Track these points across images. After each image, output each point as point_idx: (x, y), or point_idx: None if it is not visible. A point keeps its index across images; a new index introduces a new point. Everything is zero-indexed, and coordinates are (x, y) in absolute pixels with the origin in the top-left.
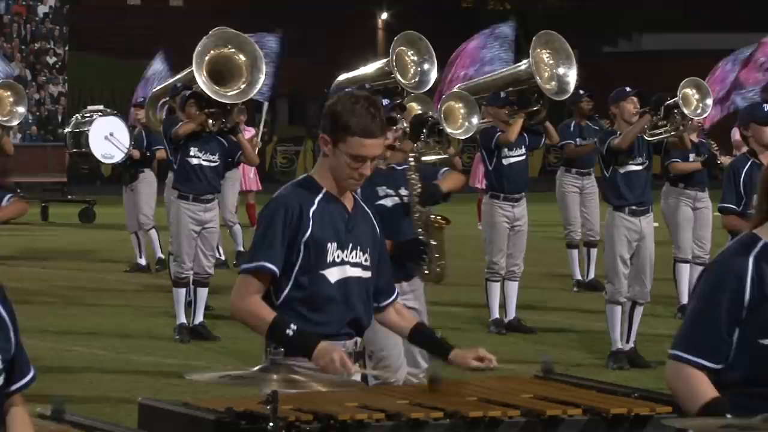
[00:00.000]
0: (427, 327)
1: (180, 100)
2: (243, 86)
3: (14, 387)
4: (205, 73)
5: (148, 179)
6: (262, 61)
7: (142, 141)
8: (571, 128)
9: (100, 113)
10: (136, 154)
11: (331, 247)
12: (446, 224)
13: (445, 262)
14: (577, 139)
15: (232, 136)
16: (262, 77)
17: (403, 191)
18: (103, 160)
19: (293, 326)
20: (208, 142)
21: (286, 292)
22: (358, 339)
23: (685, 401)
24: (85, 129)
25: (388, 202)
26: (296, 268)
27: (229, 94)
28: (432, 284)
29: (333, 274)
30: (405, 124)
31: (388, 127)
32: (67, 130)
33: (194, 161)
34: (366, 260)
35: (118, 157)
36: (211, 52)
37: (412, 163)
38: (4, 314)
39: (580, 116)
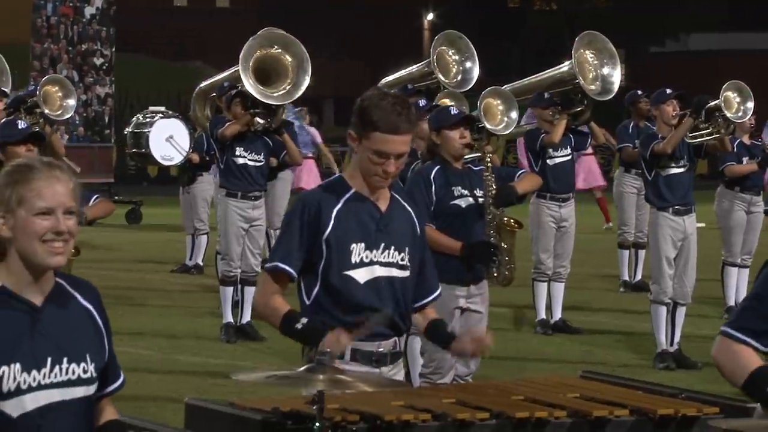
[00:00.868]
0: (441, 321)
1: (226, 100)
2: (288, 87)
3: (105, 391)
4: (251, 73)
5: (205, 183)
6: (308, 63)
7: (202, 144)
8: (629, 130)
9: (161, 115)
10: (196, 158)
11: (357, 247)
12: (518, 228)
13: (515, 266)
14: (636, 141)
15: (277, 136)
16: (308, 78)
17: (478, 192)
18: (162, 162)
19: (303, 320)
20: (253, 141)
21: (315, 292)
22: (397, 339)
23: (730, 374)
24: (146, 130)
25: (462, 203)
26: (321, 267)
27: (274, 94)
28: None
29: (361, 275)
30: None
31: (467, 126)
32: (127, 130)
33: (240, 161)
34: (402, 259)
35: (177, 159)
36: (258, 52)
37: (489, 164)
38: (100, 322)
39: (638, 117)
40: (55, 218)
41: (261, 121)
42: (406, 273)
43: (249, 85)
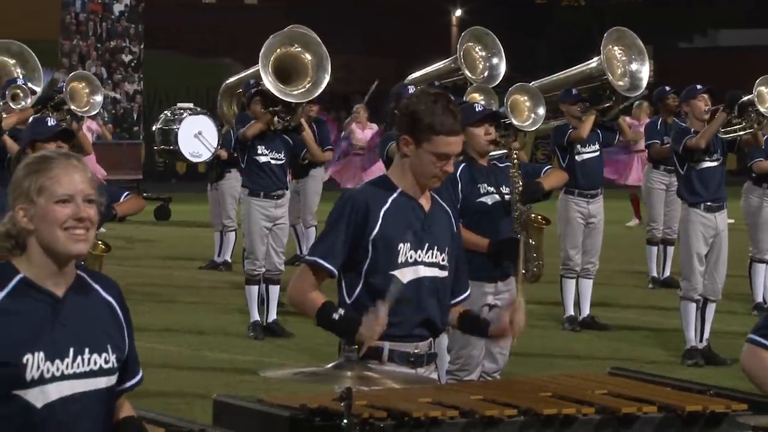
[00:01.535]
0: (472, 312)
1: (246, 99)
2: (308, 85)
3: (124, 386)
4: (270, 71)
5: (233, 180)
6: (327, 61)
7: (230, 141)
8: (658, 127)
9: (189, 111)
10: (224, 154)
11: (404, 247)
12: (546, 225)
13: (542, 263)
14: (664, 138)
15: (296, 135)
16: (327, 77)
17: (504, 189)
18: (190, 159)
19: (341, 311)
20: (273, 140)
21: (357, 291)
22: (432, 340)
23: (758, 381)
24: (175, 127)
25: (488, 200)
26: (365, 267)
27: (294, 93)
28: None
29: (405, 275)
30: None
31: (492, 122)
32: (155, 126)
33: (262, 159)
34: (443, 260)
35: (205, 156)
36: (278, 50)
37: (515, 161)
38: (121, 315)
39: (667, 113)
40: (75, 205)
41: (279, 120)
42: (446, 273)
43: (268, 82)
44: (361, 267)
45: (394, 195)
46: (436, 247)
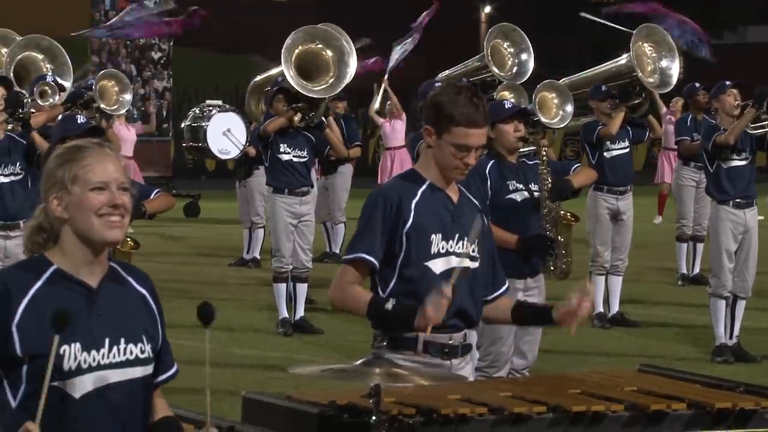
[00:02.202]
0: (524, 302)
1: (267, 97)
2: (331, 81)
3: (159, 379)
4: (293, 68)
5: (261, 177)
6: (349, 56)
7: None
8: (687, 123)
9: (218, 108)
10: (252, 151)
11: (436, 237)
12: (575, 221)
13: (571, 260)
14: (694, 134)
15: (319, 132)
16: (350, 72)
17: (533, 186)
18: (219, 156)
19: (392, 300)
20: (295, 137)
21: (392, 284)
22: (467, 331)
23: None
24: (204, 124)
25: (517, 197)
26: (399, 260)
27: (316, 88)
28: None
29: (437, 265)
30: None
31: (521, 119)
32: (184, 124)
33: (285, 157)
34: (474, 251)
35: (234, 153)
36: (300, 47)
37: (544, 158)
38: (154, 307)
39: (697, 110)
40: (109, 192)
41: (301, 117)
42: (476, 264)
43: (290, 77)
44: (396, 261)
45: (423, 187)
46: (466, 238)
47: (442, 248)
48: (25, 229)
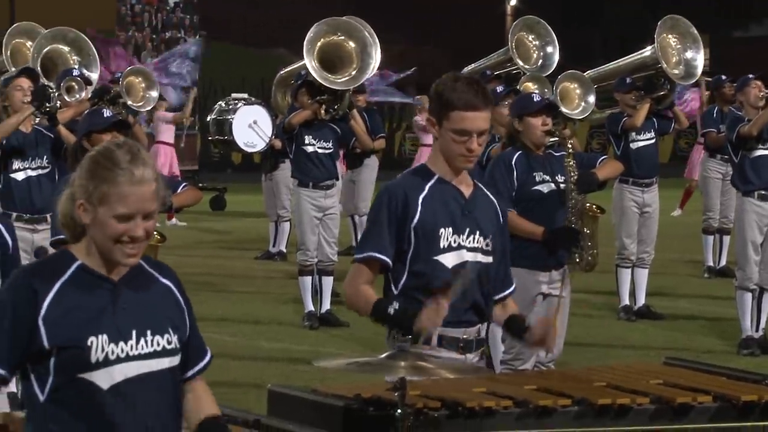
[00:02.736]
0: (521, 317)
1: (292, 91)
2: (354, 72)
3: (193, 370)
4: (315, 60)
5: (287, 170)
6: (372, 47)
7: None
8: (714, 115)
9: (244, 101)
10: (278, 144)
11: (445, 232)
12: (601, 214)
13: (597, 251)
14: (720, 127)
15: (344, 124)
16: (373, 63)
17: (559, 178)
18: (245, 149)
19: (396, 304)
20: (320, 129)
21: (403, 281)
22: (481, 326)
23: None
24: (229, 117)
25: (544, 188)
26: (409, 255)
27: (339, 80)
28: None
29: (448, 260)
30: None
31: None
32: (210, 117)
33: (309, 149)
34: (487, 245)
35: (260, 146)
36: (322, 39)
37: (570, 150)
38: (180, 298)
39: (723, 102)
40: (133, 223)
41: (326, 109)
42: (490, 258)
43: (313, 69)
44: (405, 256)
45: (432, 182)
46: (478, 232)
47: (454, 242)
48: (60, 208)
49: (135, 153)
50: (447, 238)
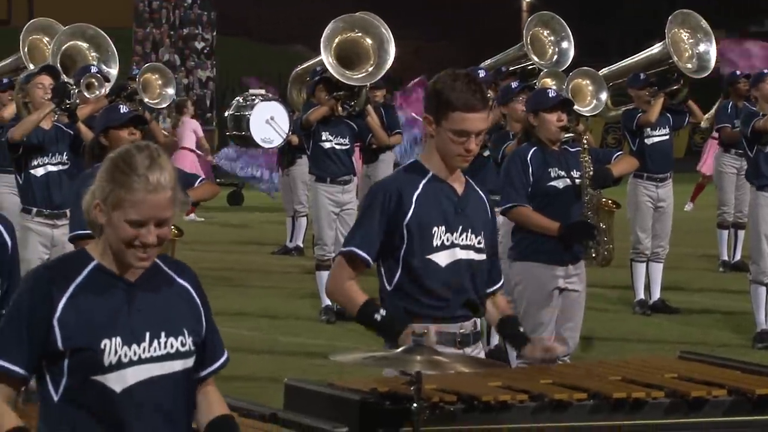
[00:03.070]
0: (514, 319)
1: (309, 87)
2: (371, 69)
3: (207, 371)
4: (332, 57)
5: (304, 165)
6: (389, 44)
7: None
8: (728, 110)
9: (261, 97)
10: (295, 139)
11: (438, 230)
12: (616, 208)
13: (613, 246)
14: (735, 122)
15: (361, 120)
16: (390, 59)
17: (574, 173)
18: (262, 145)
19: (382, 311)
20: (337, 125)
21: (396, 278)
22: (477, 320)
23: None
24: (247, 113)
25: (559, 184)
26: (402, 252)
27: (356, 76)
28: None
29: (442, 258)
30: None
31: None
32: (228, 113)
33: (327, 145)
34: (479, 242)
35: (277, 142)
36: (339, 36)
37: (585, 146)
38: (197, 299)
39: (738, 97)
40: (145, 230)
41: (343, 105)
42: (483, 256)
43: (330, 65)
44: (399, 253)
45: (426, 179)
46: (470, 230)
47: (447, 240)
48: (84, 204)
49: (154, 158)
50: (440, 237)
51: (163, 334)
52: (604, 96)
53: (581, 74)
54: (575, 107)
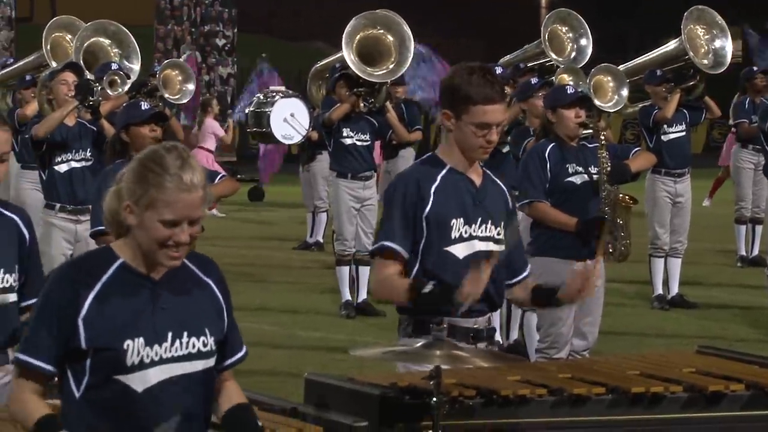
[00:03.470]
0: (542, 284)
1: (330, 83)
2: (392, 66)
3: (225, 364)
4: (354, 53)
5: (324, 161)
6: (410, 41)
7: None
8: (746, 106)
9: (281, 94)
10: (315, 136)
11: (457, 222)
12: (633, 204)
13: (630, 241)
14: (752, 117)
15: (381, 116)
16: (410, 56)
17: (592, 169)
18: (282, 141)
19: (431, 283)
20: (358, 121)
21: (415, 270)
22: (491, 315)
23: None
24: (267, 110)
25: (577, 180)
26: (421, 245)
27: (377, 73)
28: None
29: (460, 251)
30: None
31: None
32: (248, 109)
33: (347, 141)
34: (499, 234)
35: (297, 138)
36: (361, 33)
37: (603, 142)
38: (219, 296)
39: (755, 93)
40: (179, 229)
41: (363, 102)
42: (502, 247)
43: (351, 62)
44: (418, 246)
45: (443, 172)
46: (489, 221)
47: (465, 232)
48: (105, 205)
49: (185, 159)
50: (458, 229)
51: (185, 334)
52: (625, 92)
53: (603, 71)
54: (597, 103)
